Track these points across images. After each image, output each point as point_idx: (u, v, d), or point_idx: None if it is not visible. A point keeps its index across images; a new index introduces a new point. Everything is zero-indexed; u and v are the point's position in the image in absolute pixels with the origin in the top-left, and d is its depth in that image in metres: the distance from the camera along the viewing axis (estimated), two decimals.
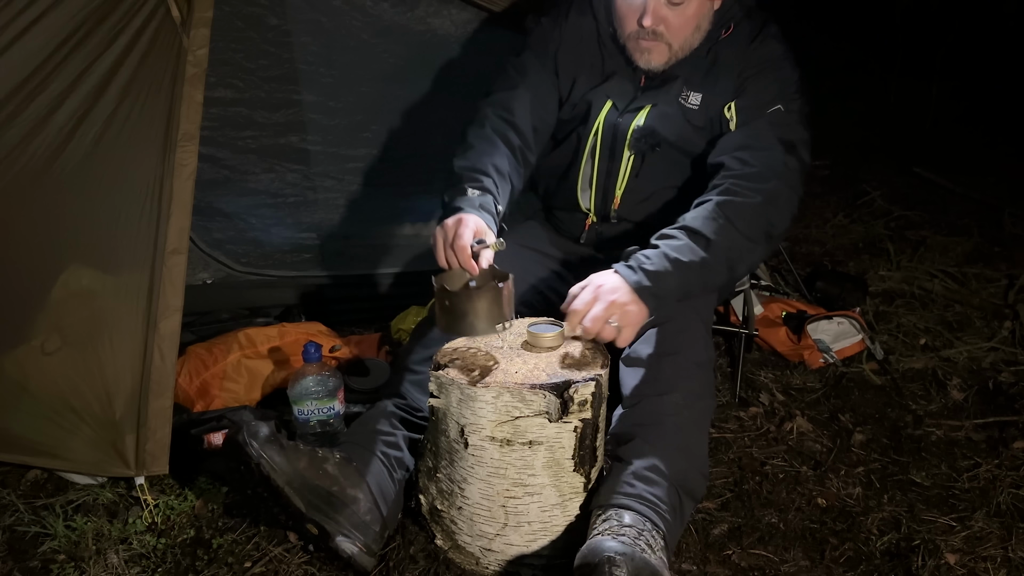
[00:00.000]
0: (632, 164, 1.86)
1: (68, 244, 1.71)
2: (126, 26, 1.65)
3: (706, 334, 1.75)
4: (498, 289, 1.51)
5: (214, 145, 2.27)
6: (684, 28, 1.73)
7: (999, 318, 2.78)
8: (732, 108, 1.76)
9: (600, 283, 1.55)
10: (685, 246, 1.59)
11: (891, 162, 4.55)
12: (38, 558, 1.65)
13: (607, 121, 1.85)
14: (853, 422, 2.18)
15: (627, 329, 1.54)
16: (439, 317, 1.54)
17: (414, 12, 2.24)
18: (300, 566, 1.61)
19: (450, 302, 1.50)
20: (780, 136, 1.71)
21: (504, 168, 1.77)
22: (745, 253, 1.66)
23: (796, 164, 1.71)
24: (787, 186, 1.69)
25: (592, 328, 1.52)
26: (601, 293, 1.53)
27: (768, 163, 1.69)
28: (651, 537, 1.41)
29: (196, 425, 1.90)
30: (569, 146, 1.93)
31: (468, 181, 1.70)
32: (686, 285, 1.59)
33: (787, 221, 1.72)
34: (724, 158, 1.72)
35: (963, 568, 1.65)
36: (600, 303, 1.52)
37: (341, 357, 2.27)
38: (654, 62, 1.77)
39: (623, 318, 1.53)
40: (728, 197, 1.65)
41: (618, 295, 1.53)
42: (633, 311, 1.54)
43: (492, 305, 1.50)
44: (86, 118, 1.65)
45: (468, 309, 1.49)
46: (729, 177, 1.68)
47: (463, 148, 1.79)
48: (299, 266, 2.62)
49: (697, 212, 1.65)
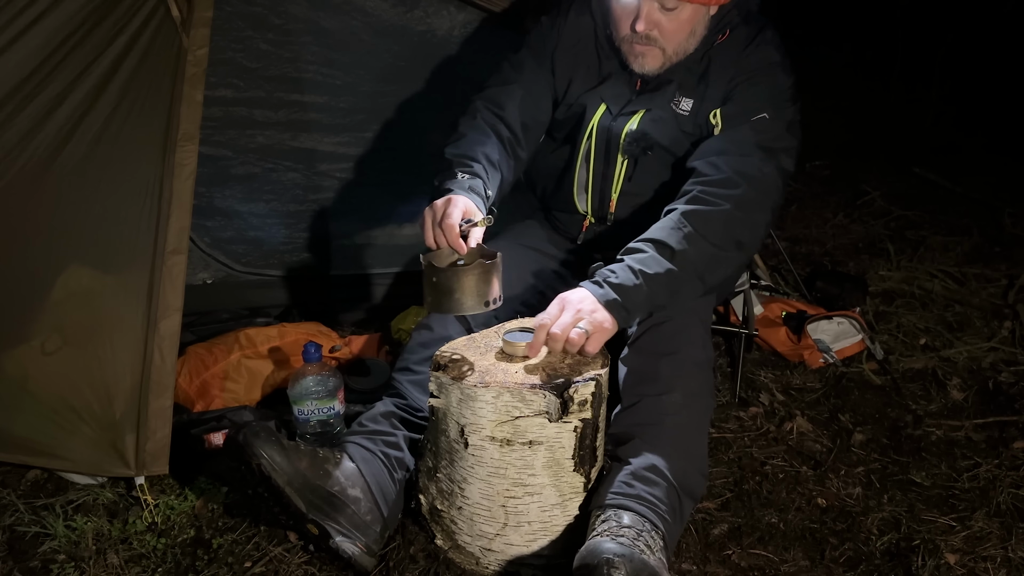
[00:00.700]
0: (625, 168, 1.86)
1: (68, 244, 1.71)
2: (126, 25, 1.65)
3: (705, 334, 1.74)
4: (486, 266, 1.51)
5: (214, 145, 2.27)
6: (678, 33, 1.72)
7: (999, 318, 2.78)
8: (718, 114, 1.75)
9: (566, 296, 1.54)
10: (650, 258, 1.57)
11: (891, 162, 4.55)
12: (38, 558, 1.65)
13: (600, 125, 1.85)
14: (853, 422, 2.18)
15: (596, 335, 1.51)
16: (427, 295, 1.54)
17: (413, 12, 2.24)
18: (300, 566, 1.61)
19: (438, 279, 1.50)
20: (760, 142, 1.69)
21: (494, 157, 1.77)
22: (715, 262, 1.63)
23: (773, 171, 1.68)
24: (759, 192, 1.65)
25: (560, 335, 1.48)
26: (567, 304, 1.52)
27: (740, 169, 1.65)
28: (650, 538, 1.41)
29: (196, 425, 1.89)
30: (565, 149, 1.94)
31: (458, 166, 1.70)
32: (654, 297, 1.57)
33: (760, 228, 1.70)
34: (698, 163, 1.70)
35: (963, 568, 1.65)
36: (567, 311, 1.51)
37: (341, 357, 2.27)
38: (648, 67, 1.77)
39: (591, 324, 1.50)
40: (694, 206, 1.62)
41: (584, 304, 1.52)
42: (600, 317, 1.52)
43: (480, 282, 1.50)
44: (85, 117, 1.65)
45: (456, 286, 1.49)
46: (698, 183, 1.66)
47: (454, 137, 1.80)
48: (299, 266, 2.62)
49: (663, 223, 1.63)
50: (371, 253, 2.67)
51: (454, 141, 1.79)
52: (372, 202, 2.59)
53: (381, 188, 2.56)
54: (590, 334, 1.50)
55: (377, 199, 2.58)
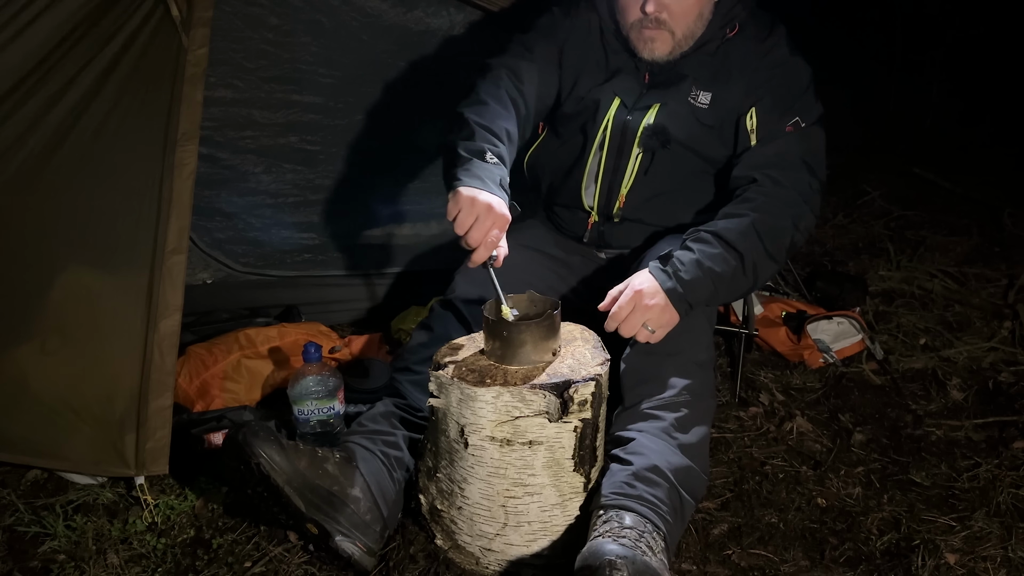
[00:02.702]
0: (641, 162, 1.86)
1: (68, 244, 1.71)
2: (124, 24, 1.65)
3: (707, 334, 1.75)
4: (553, 317, 1.54)
5: (214, 145, 2.26)
6: (687, 15, 1.74)
7: (999, 318, 2.78)
8: (753, 118, 1.77)
9: (638, 288, 1.62)
10: (720, 256, 1.64)
11: (891, 162, 4.55)
12: (38, 558, 1.65)
13: (616, 118, 1.85)
14: (853, 422, 2.18)
15: (659, 331, 1.63)
16: (493, 347, 1.53)
17: (413, 12, 2.24)
18: (300, 566, 1.61)
19: (508, 333, 1.51)
20: (804, 157, 1.76)
21: (514, 135, 1.75)
22: (766, 269, 1.72)
23: (818, 186, 1.77)
24: (811, 211, 1.76)
25: (627, 334, 1.62)
26: (639, 301, 1.61)
27: (798, 186, 1.74)
28: (652, 539, 1.41)
29: (196, 425, 1.89)
30: (575, 143, 1.92)
31: (485, 141, 1.66)
32: (716, 294, 1.67)
33: (803, 240, 1.79)
34: (755, 173, 1.75)
35: (963, 568, 1.65)
36: (637, 312, 1.61)
37: (341, 357, 2.27)
38: (658, 51, 1.78)
39: (657, 322, 1.62)
40: (763, 216, 1.69)
41: (655, 300, 1.61)
42: (666, 317, 1.62)
43: (548, 332, 1.53)
44: (83, 116, 1.65)
45: (528, 339, 1.51)
46: (763, 195, 1.72)
47: (475, 101, 1.74)
48: (299, 266, 2.62)
49: (732, 224, 1.68)
50: (371, 253, 2.67)
51: (476, 107, 1.72)
52: (372, 202, 2.58)
53: (380, 188, 2.56)
54: (655, 331, 1.62)
55: (377, 199, 2.58)
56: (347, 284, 2.68)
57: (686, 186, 1.89)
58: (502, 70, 1.82)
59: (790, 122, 1.76)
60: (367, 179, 2.53)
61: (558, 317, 1.55)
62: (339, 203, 2.55)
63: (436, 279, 2.06)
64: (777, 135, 1.76)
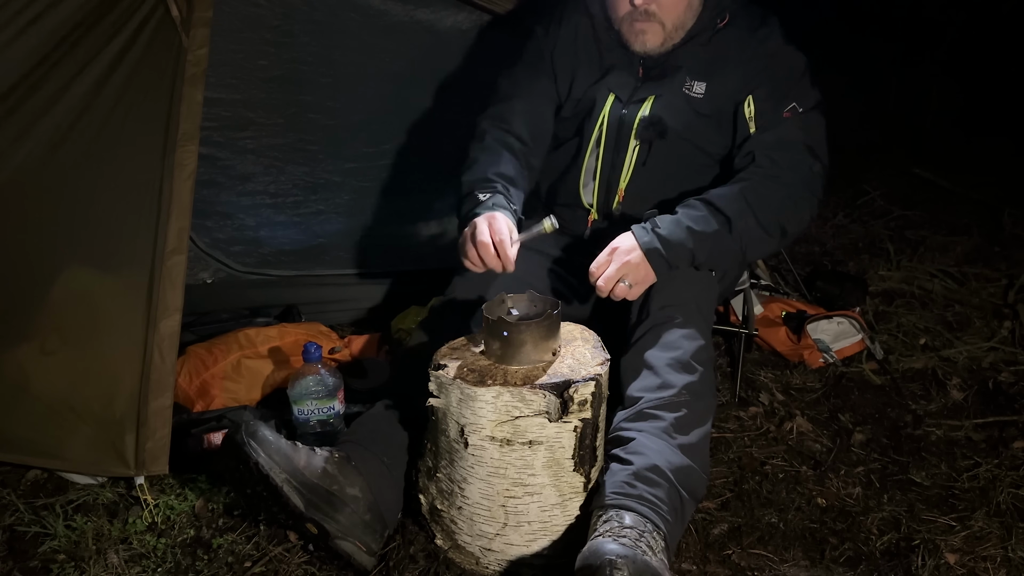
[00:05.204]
0: (638, 154, 1.87)
1: (68, 244, 1.71)
2: (124, 25, 1.64)
3: (707, 334, 1.75)
4: (553, 317, 1.54)
5: (214, 145, 2.27)
6: (676, 6, 1.77)
7: (999, 318, 2.78)
8: (751, 106, 1.79)
9: (617, 245, 1.69)
10: (703, 217, 1.69)
11: (891, 162, 4.55)
12: (38, 558, 1.65)
13: (612, 113, 1.87)
14: (853, 422, 2.18)
15: (637, 287, 1.69)
16: (492, 347, 1.54)
17: (414, 13, 2.24)
18: (300, 566, 1.61)
19: (509, 333, 1.51)
20: (805, 140, 1.78)
21: (510, 173, 1.83)
22: (757, 242, 1.76)
23: (820, 169, 1.80)
24: (810, 192, 1.79)
25: (605, 287, 1.67)
26: (616, 255, 1.67)
27: (798, 169, 1.77)
28: (652, 539, 1.41)
29: (196, 425, 1.89)
30: (572, 142, 1.94)
31: (479, 190, 1.76)
32: (696, 253, 1.70)
33: (804, 223, 1.83)
34: (755, 154, 1.78)
35: (963, 568, 1.65)
36: (613, 264, 1.66)
37: (341, 358, 2.27)
38: (649, 44, 1.80)
39: (633, 277, 1.67)
40: (755, 186, 1.75)
41: (631, 256, 1.66)
42: (642, 272, 1.67)
43: (549, 332, 1.54)
44: (83, 116, 1.65)
45: (527, 339, 1.51)
46: (758, 172, 1.76)
47: (468, 164, 1.86)
48: (299, 266, 2.62)
49: (722, 191, 1.74)
50: (371, 253, 2.67)
51: (468, 168, 1.85)
52: (372, 202, 2.59)
53: (380, 188, 2.57)
54: (632, 286, 1.67)
55: (377, 199, 2.58)
56: (347, 284, 2.68)
57: (686, 180, 1.89)
58: (485, 123, 1.94)
59: (787, 108, 1.78)
60: (367, 179, 2.53)
61: (558, 317, 1.56)
62: (339, 203, 2.55)
63: (436, 279, 2.06)
64: (776, 122, 1.79)
